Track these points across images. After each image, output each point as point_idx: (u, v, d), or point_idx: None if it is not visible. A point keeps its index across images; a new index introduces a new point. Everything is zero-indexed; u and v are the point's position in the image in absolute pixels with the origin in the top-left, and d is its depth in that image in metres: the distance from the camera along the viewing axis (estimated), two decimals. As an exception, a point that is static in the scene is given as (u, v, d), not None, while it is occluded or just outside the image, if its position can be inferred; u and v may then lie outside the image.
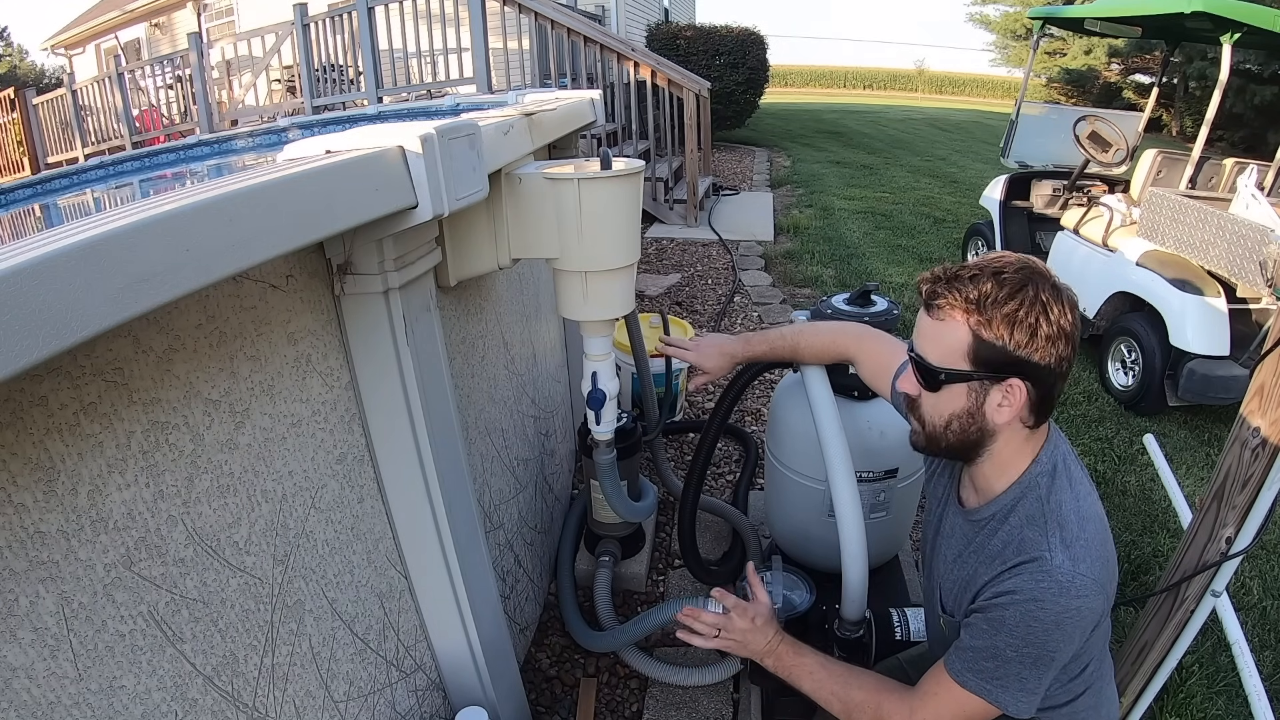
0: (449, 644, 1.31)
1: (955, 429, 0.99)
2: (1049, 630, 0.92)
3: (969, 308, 0.93)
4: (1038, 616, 0.91)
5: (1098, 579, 0.92)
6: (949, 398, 0.98)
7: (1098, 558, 0.93)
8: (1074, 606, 0.91)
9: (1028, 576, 0.92)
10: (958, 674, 1.00)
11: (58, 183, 1.83)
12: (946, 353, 0.95)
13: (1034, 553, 0.93)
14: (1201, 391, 2.96)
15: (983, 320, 0.92)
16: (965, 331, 0.93)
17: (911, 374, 1.02)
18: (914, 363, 1.00)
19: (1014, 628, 0.93)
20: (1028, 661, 0.94)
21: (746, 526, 2.11)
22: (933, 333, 0.97)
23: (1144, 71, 17.26)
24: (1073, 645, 0.95)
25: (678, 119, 5.94)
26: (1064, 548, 0.92)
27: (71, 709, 0.66)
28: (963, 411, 0.98)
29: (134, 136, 8.21)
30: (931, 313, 0.96)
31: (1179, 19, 3.50)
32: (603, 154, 1.27)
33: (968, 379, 0.95)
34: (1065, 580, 0.90)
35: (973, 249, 5.08)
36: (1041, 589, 0.91)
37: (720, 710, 1.67)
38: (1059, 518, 0.95)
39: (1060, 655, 0.95)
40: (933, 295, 0.96)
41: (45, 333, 0.48)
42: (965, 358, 0.94)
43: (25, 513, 0.62)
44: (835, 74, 34.22)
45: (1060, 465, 1.00)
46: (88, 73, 12.40)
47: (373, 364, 1.07)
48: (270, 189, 0.71)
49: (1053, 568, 0.91)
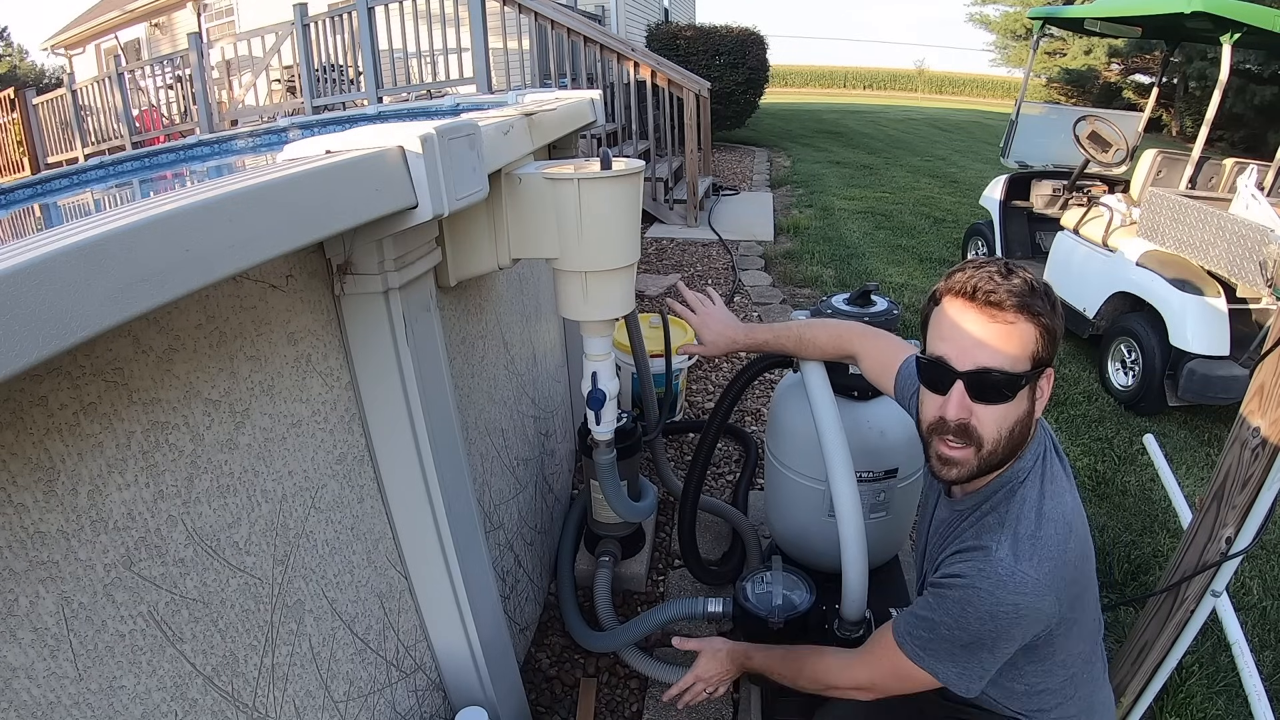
0: (449, 644, 1.31)
1: (1017, 434, 0.95)
2: (982, 619, 0.93)
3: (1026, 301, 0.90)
4: (973, 603, 0.93)
5: (1041, 580, 0.91)
6: (1017, 404, 0.94)
7: (1047, 558, 0.92)
8: (1010, 601, 0.91)
9: (971, 564, 0.95)
10: (899, 634, 1.03)
11: (58, 183, 1.83)
12: (1019, 356, 0.91)
13: (984, 542, 0.95)
14: (1201, 391, 2.96)
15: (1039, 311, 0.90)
16: (1031, 330, 0.91)
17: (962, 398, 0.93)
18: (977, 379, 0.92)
19: (950, 608, 0.96)
20: (959, 643, 0.96)
21: (746, 526, 2.11)
22: (1002, 340, 0.91)
23: (1144, 71, 17.27)
24: (1011, 640, 0.96)
25: (678, 119, 5.94)
26: (1012, 543, 0.93)
27: (71, 709, 0.66)
28: (1025, 414, 0.95)
29: (134, 136, 8.21)
30: (995, 319, 0.91)
31: (1179, 19, 3.50)
32: (603, 154, 1.27)
33: (1031, 380, 0.93)
34: (1004, 574, 0.92)
35: (973, 249, 5.08)
36: (980, 577, 0.93)
37: (720, 710, 1.67)
38: (1019, 514, 0.96)
39: (995, 646, 0.96)
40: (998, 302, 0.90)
41: (45, 333, 0.48)
42: (1031, 358, 0.92)
43: (25, 513, 0.62)
44: (835, 74, 34.22)
45: (1043, 460, 1.00)
46: (88, 73, 12.40)
47: (373, 364, 1.07)
48: (270, 189, 0.71)
49: (994, 560, 0.93)
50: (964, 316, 0.93)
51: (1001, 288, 0.90)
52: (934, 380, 0.97)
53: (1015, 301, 0.89)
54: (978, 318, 0.92)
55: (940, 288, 0.97)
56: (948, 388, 0.94)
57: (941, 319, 0.96)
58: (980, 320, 0.91)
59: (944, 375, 0.94)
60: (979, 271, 0.92)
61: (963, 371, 0.93)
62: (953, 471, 0.98)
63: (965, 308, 0.93)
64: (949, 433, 0.96)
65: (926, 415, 1.00)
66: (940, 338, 0.96)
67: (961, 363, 0.93)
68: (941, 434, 0.97)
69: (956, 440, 0.96)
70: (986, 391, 0.92)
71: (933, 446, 1.00)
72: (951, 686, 0.99)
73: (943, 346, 0.95)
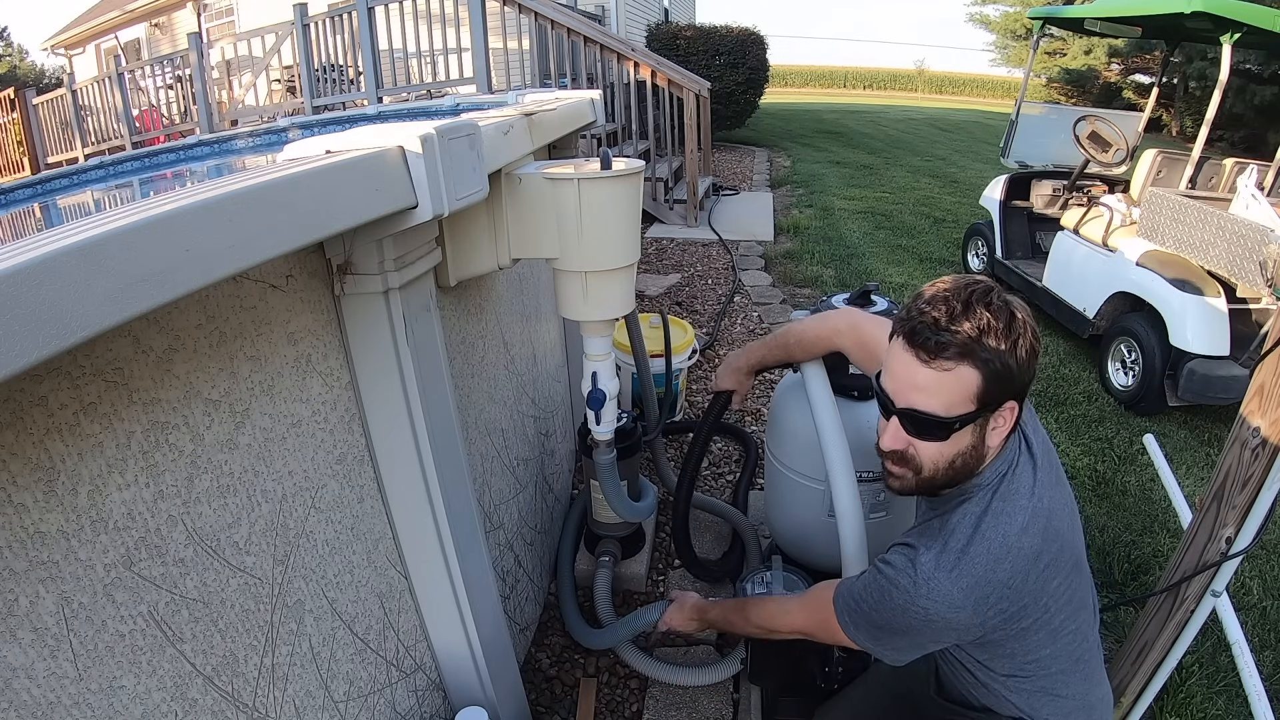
0: (449, 644, 1.31)
1: (958, 465, 0.96)
2: (894, 613, 0.98)
3: (970, 347, 0.88)
4: (891, 595, 0.98)
5: (955, 595, 0.93)
6: (956, 441, 0.94)
7: (967, 575, 0.92)
8: (920, 606, 0.95)
9: (901, 558, 0.99)
10: (838, 594, 1.09)
11: (58, 183, 1.83)
12: (955, 401, 0.90)
13: (918, 544, 0.98)
14: (1201, 391, 2.96)
15: (987, 357, 0.88)
16: (973, 375, 0.89)
17: (897, 431, 0.96)
18: (910, 418, 0.94)
19: (873, 591, 1.01)
20: (875, 624, 1.02)
21: (746, 526, 2.11)
22: (935, 385, 0.90)
23: (1144, 71, 17.26)
24: (922, 639, 1.00)
25: (678, 119, 5.94)
26: (938, 553, 0.95)
27: (71, 709, 0.66)
28: (967, 448, 0.95)
29: (134, 136, 8.20)
30: (930, 364, 0.90)
31: (1179, 19, 3.50)
32: (603, 154, 1.27)
33: (975, 419, 0.92)
34: (920, 578, 0.95)
35: (973, 249, 5.08)
36: (900, 575, 0.97)
37: (720, 710, 1.67)
38: (955, 526, 0.97)
39: (907, 638, 1.00)
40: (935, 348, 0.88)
41: (45, 333, 0.48)
42: (973, 399, 0.90)
43: (25, 513, 0.62)
44: (835, 74, 34.22)
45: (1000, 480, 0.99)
46: (88, 73, 12.40)
47: (373, 364, 1.07)
48: (270, 189, 0.71)
49: (918, 562, 0.96)
50: (905, 355, 0.93)
51: (942, 335, 0.88)
52: (882, 406, 1.01)
53: (956, 350, 0.88)
54: (914, 361, 0.91)
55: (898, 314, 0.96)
56: (890, 416, 0.98)
57: (892, 350, 0.96)
58: (916, 364, 0.91)
59: (886, 404, 0.98)
60: (929, 309, 0.90)
61: (898, 409, 0.95)
62: (895, 484, 1.03)
63: (904, 349, 0.92)
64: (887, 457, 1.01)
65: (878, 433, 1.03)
66: (887, 369, 0.98)
67: (898, 399, 0.95)
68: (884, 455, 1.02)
69: (894, 462, 1.01)
70: (920, 429, 0.95)
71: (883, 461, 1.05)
72: (873, 654, 1.06)
73: (886, 379, 0.98)
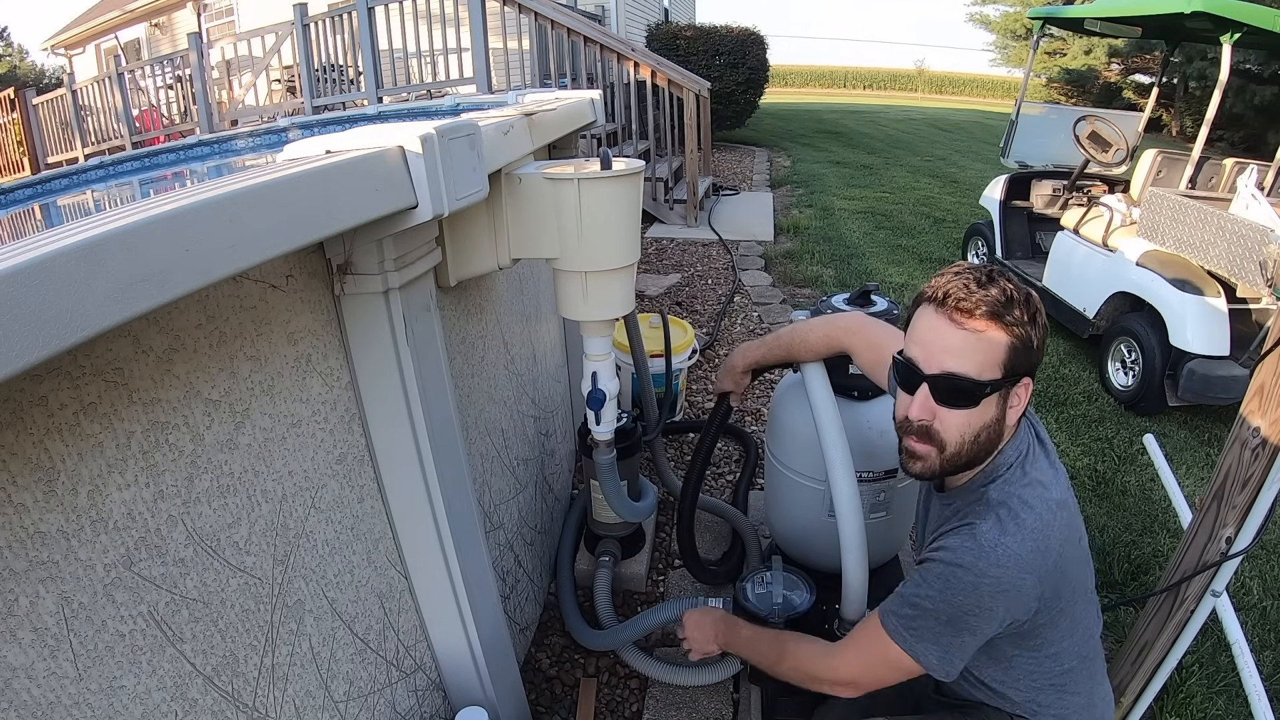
0: (449, 644, 1.31)
1: (982, 440, 0.97)
2: (965, 592, 0.95)
3: (998, 310, 0.91)
4: (957, 576, 0.95)
5: (1023, 555, 0.94)
6: (983, 411, 0.95)
7: (1029, 538, 0.94)
8: (992, 574, 0.93)
9: (956, 538, 0.97)
10: (884, 615, 1.04)
11: (58, 183, 1.83)
12: (986, 364, 0.93)
13: (969, 520, 0.98)
14: (1201, 391, 2.96)
15: (1012, 322, 0.92)
16: (1002, 338, 0.92)
17: (926, 399, 0.97)
18: (942, 383, 0.95)
19: (934, 581, 0.98)
20: (942, 619, 0.98)
21: (746, 526, 2.11)
22: (967, 347, 0.93)
23: (1144, 71, 17.25)
24: (993, 616, 0.97)
25: (678, 119, 5.94)
26: (996, 522, 0.95)
27: (71, 709, 0.66)
28: (991, 421, 0.96)
29: (134, 136, 8.20)
30: (963, 325, 0.93)
31: (1179, 19, 3.50)
32: (603, 154, 1.27)
33: (1000, 387, 0.94)
34: (987, 546, 0.94)
35: (973, 249, 5.08)
36: (964, 550, 0.95)
37: (720, 710, 1.67)
38: (1002, 499, 0.98)
39: (977, 624, 0.97)
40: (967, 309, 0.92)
41: (45, 333, 0.48)
42: (1001, 365, 0.93)
43: (25, 513, 0.62)
44: (835, 74, 34.21)
45: (1026, 455, 1.02)
46: (88, 73, 12.39)
47: (373, 364, 1.07)
48: (270, 189, 0.71)
49: (979, 533, 0.95)
50: (935, 321, 0.96)
51: (974, 295, 0.92)
52: (905, 380, 1.00)
53: (986, 310, 0.91)
54: (947, 324, 0.94)
55: (921, 290, 1.00)
56: (915, 388, 0.98)
57: (917, 322, 1.00)
58: (949, 327, 0.94)
59: (913, 376, 0.98)
60: (956, 278, 0.94)
61: (928, 375, 0.96)
62: (916, 465, 1.02)
63: (936, 313, 0.96)
64: (913, 432, 1.00)
65: (898, 412, 1.04)
66: (913, 340, 1.00)
67: (928, 366, 0.96)
68: (907, 432, 1.01)
69: (919, 439, 1.00)
70: (950, 396, 0.95)
71: (902, 441, 1.04)
72: (933, 671, 1.01)
73: (914, 349, 0.99)
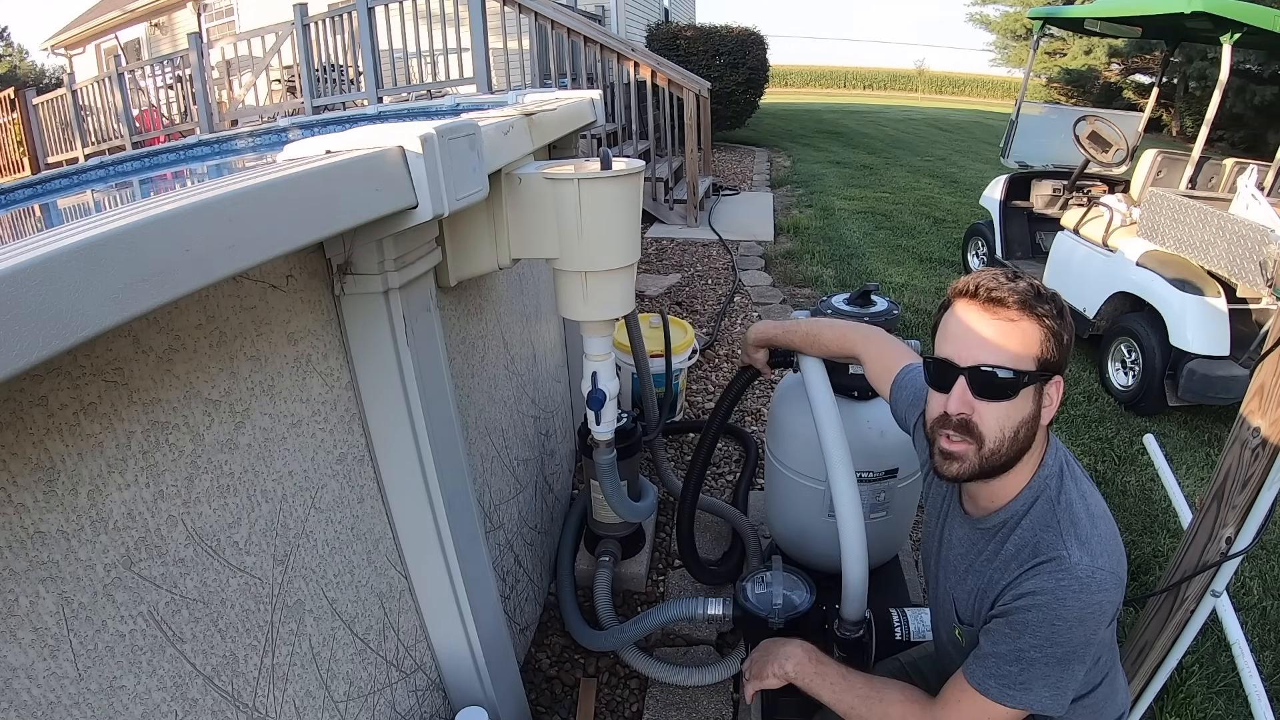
0: (449, 644, 1.31)
1: (1020, 438, 0.95)
2: (1072, 628, 0.92)
3: (1029, 301, 0.91)
4: (1060, 615, 0.91)
5: (1115, 572, 0.92)
6: (1020, 404, 0.93)
7: (1112, 552, 0.93)
8: (1095, 601, 0.91)
9: (1047, 576, 0.92)
10: (979, 681, 0.98)
11: (58, 183, 1.83)
12: (1023, 354, 0.92)
13: (1051, 553, 0.93)
14: (1201, 391, 2.96)
15: (1043, 313, 0.91)
16: (1035, 329, 0.91)
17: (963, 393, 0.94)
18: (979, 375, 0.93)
19: (1037, 628, 0.93)
20: (1053, 661, 0.94)
21: (746, 526, 2.11)
22: (1003, 337, 0.92)
23: (1144, 71, 17.24)
24: (1098, 639, 0.95)
25: (678, 119, 5.94)
26: (1080, 545, 0.93)
27: (71, 709, 0.66)
28: (1029, 416, 0.94)
29: (134, 136, 8.20)
30: (997, 316, 0.92)
31: (1179, 19, 3.50)
32: (603, 154, 1.27)
33: (1036, 380, 0.93)
34: (1085, 576, 0.91)
35: (973, 249, 5.08)
36: (1062, 587, 0.91)
37: (720, 710, 1.67)
38: (1071, 517, 0.95)
39: (1085, 651, 0.94)
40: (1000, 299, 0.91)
41: (45, 333, 0.48)
42: (1035, 358, 0.92)
43: (25, 513, 0.62)
44: (835, 74, 34.20)
45: (1065, 466, 1.00)
46: (88, 73, 12.39)
47: (373, 364, 1.07)
48: (270, 189, 0.71)
49: (1072, 565, 0.91)
50: (968, 314, 0.95)
51: (1004, 286, 0.92)
52: (939, 379, 0.97)
53: (1018, 300, 0.91)
54: (980, 314, 0.93)
55: (948, 292, 0.99)
56: (951, 385, 0.95)
57: (949, 320, 0.98)
58: (983, 317, 0.93)
59: (947, 373, 0.95)
60: (984, 273, 0.95)
61: (964, 367, 0.94)
62: (953, 467, 0.97)
63: (969, 305, 0.95)
64: (950, 428, 0.96)
65: (931, 413, 1.00)
66: (946, 338, 0.98)
67: (964, 359, 0.94)
68: (944, 428, 0.97)
69: (957, 435, 0.96)
70: (988, 388, 0.93)
71: (936, 443, 0.99)
72: (1048, 712, 0.97)
73: (947, 347, 0.96)
